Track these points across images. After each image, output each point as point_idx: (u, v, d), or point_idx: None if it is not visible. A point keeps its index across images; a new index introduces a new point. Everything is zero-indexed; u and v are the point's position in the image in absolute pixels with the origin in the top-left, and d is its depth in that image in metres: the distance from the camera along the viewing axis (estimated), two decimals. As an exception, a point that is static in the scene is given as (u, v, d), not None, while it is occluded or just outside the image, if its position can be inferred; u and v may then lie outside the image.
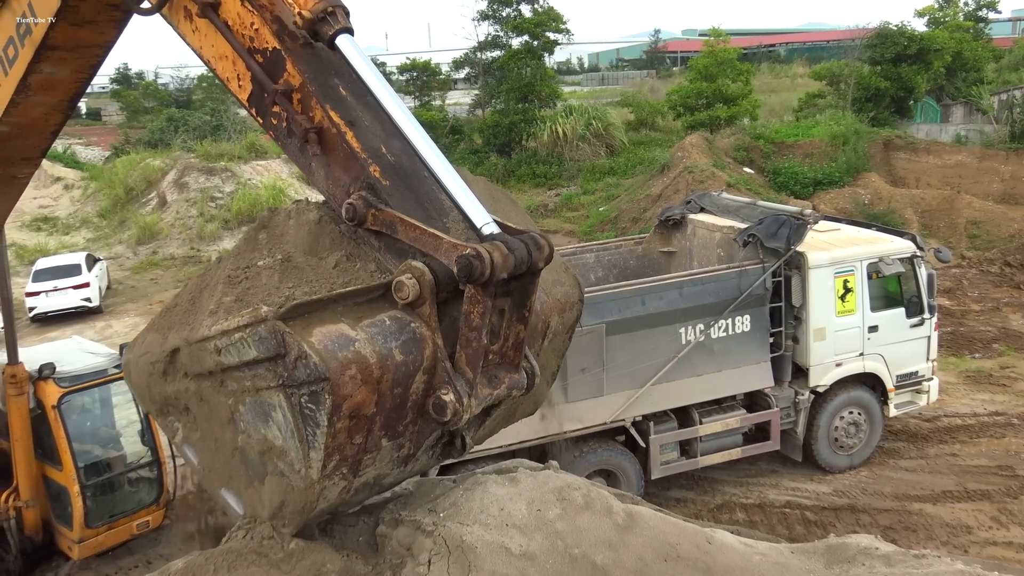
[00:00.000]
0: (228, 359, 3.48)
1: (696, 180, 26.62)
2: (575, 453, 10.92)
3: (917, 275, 12.29)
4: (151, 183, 33.62)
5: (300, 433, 3.38)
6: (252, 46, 4.17)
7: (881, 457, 12.72)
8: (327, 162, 3.98)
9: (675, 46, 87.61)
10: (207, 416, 3.85)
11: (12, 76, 5.66)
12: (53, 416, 9.15)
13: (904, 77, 36.52)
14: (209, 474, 4.01)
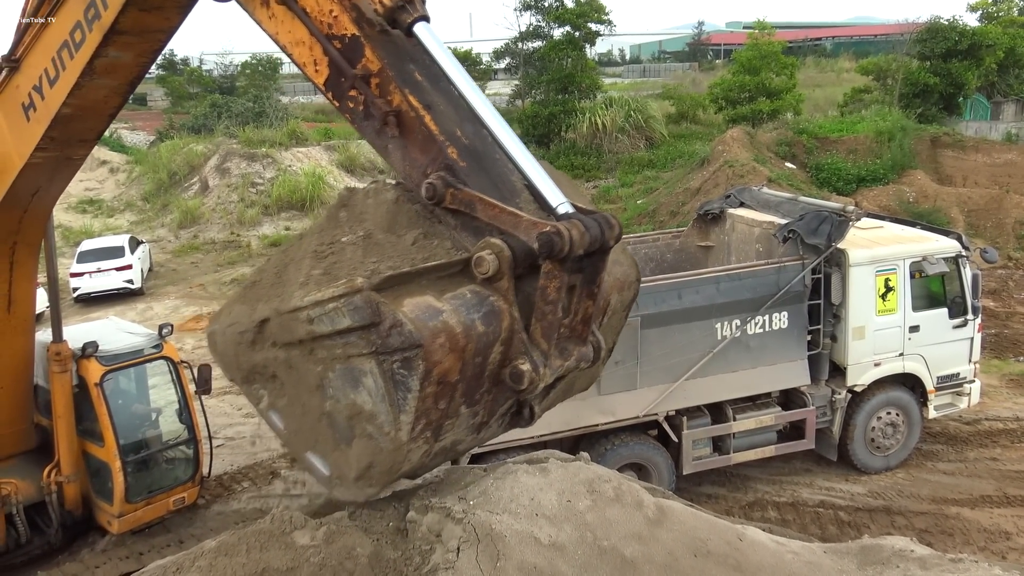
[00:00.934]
0: (320, 328, 3.65)
1: (736, 175, 26.32)
2: (607, 446, 10.88)
3: (961, 275, 12.03)
4: (194, 168, 34.13)
5: (391, 397, 3.56)
6: (331, 32, 4.30)
7: (919, 459, 12.50)
8: (404, 144, 4.14)
9: (718, 38, 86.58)
10: (295, 383, 3.97)
11: (78, 59, 5.86)
12: (96, 393, 9.34)
13: (954, 73, 35.71)
14: (295, 438, 4.14)
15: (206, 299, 23.21)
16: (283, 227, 29.61)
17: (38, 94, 6.28)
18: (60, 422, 9.34)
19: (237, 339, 4.13)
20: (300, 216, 30.36)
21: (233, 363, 4.25)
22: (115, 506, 9.56)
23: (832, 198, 24.12)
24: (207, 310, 22.00)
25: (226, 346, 4.23)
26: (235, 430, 14.33)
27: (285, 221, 30.04)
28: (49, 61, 6.07)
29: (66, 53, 5.92)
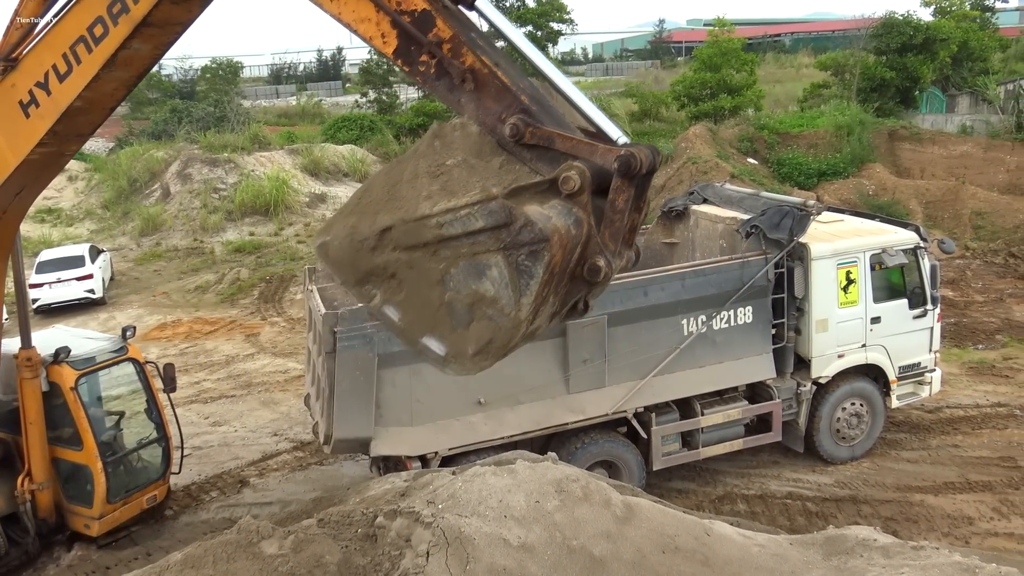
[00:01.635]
0: (450, 231, 4.50)
1: (700, 171, 26.56)
2: (577, 444, 10.91)
3: (920, 266, 12.24)
4: (155, 174, 33.62)
5: (514, 284, 4.43)
6: (400, 8, 5.15)
7: (883, 448, 12.70)
8: (478, 97, 4.99)
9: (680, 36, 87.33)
10: (415, 280, 4.71)
11: (99, 53, 6.19)
12: (72, 397, 9.40)
13: (909, 67, 36.35)
14: (411, 327, 4.83)
15: (170, 307, 22.91)
16: (247, 232, 29.31)
17: (42, 90, 6.51)
18: (32, 428, 9.20)
19: (357, 246, 4.80)
20: (264, 221, 30.07)
21: (350, 267, 4.91)
22: (96, 508, 9.59)
23: (794, 192, 24.42)
24: (171, 318, 21.73)
25: (343, 253, 4.88)
26: (202, 439, 14.16)
27: (249, 226, 29.73)
28: (59, 57, 6.34)
29: (82, 47, 6.24)
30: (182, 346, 19.58)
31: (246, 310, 22.31)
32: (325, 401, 9.99)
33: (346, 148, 38.24)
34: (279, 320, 21.21)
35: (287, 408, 15.23)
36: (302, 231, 29.49)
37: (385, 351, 9.74)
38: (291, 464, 13.14)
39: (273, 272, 25.05)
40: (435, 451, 10.07)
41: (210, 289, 24.20)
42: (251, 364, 17.99)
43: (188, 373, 17.63)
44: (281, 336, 19.87)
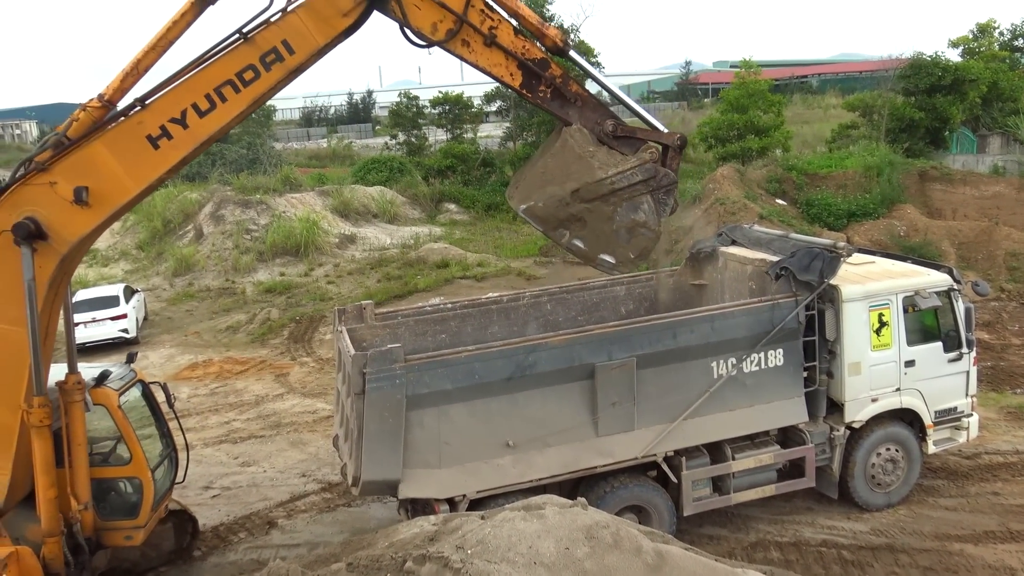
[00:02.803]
0: (619, 184, 7.95)
1: (728, 212, 26.52)
2: (606, 488, 10.80)
3: (954, 308, 12.06)
4: (188, 216, 34.25)
5: (658, 210, 8.09)
6: (525, 55, 8.01)
7: (920, 495, 12.41)
8: (582, 110, 8.20)
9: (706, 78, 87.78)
10: (594, 219, 8.07)
11: (247, 94, 7.67)
12: (120, 415, 9.85)
13: (939, 108, 36.22)
14: (592, 250, 8.20)
15: (201, 346, 23.15)
16: (278, 272, 29.65)
17: (178, 125, 7.69)
18: (79, 450, 9.30)
19: (556, 203, 8.06)
20: (295, 261, 30.43)
21: (551, 219, 8.16)
22: (142, 517, 9.98)
23: (823, 234, 24.28)
24: (202, 358, 21.94)
25: (546, 210, 8.13)
26: (231, 479, 14.21)
27: (280, 267, 30.09)
28: (201, 97, 7.64)
29: (229, 89, 7.63)
30: (212, 386, 19.74)
31: (276, 350, 22.48)
32: (354, 442, 10.00)
33: (375, 189, 38.75)
34: (308, 360, 21.33)
35: (315, 449, 15.25)
36: (332, 272, 29.79)
37: (414, 392, 9.76)
38: (319, 506, 13.12)
39: (303, 312, 25.27)
40: (463, 494, 10.01)
41: (241, 329, 24.44)
42: (280, 404, 18.08)
43: (218, 413, 17.76)
44: (310, 376, 19.97)
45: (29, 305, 7.94)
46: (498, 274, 27.71)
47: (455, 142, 46.08)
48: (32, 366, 8.25)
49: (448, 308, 12.96)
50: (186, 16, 7.81)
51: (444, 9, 7.75)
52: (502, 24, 7.90)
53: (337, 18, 7.65)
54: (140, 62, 7.82)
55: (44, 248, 7.90)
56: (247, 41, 7.59)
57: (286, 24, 7.61)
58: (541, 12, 40.13)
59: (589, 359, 10.45)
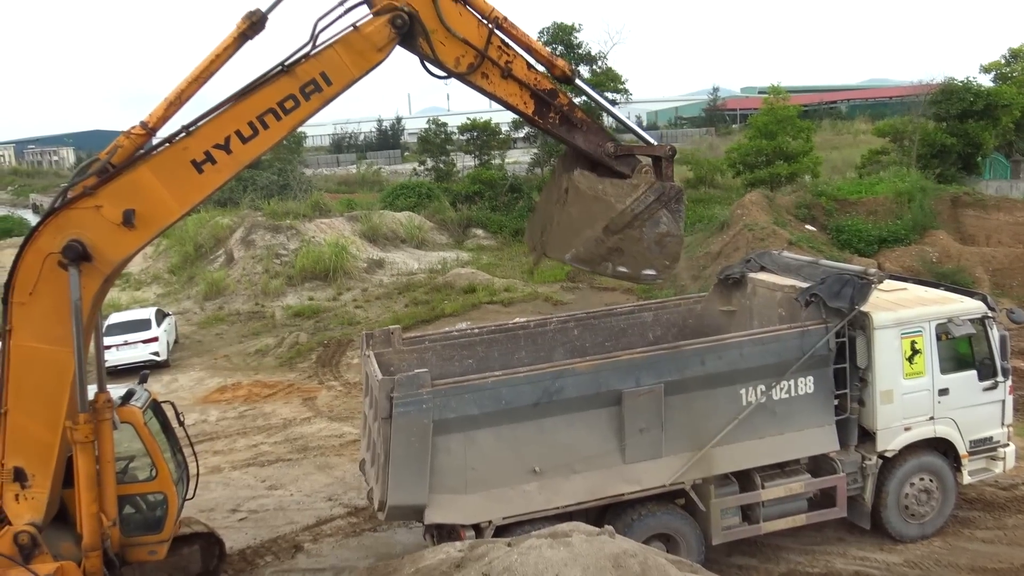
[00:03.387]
0: (638, 209, 8.89)
1: (756, 238, 26.37)
2: (633, 516, 10.69)
3: (989, 336, 11.86)
4: (219, 240, 34.71)
5: (675, 217, 8.93)
6: (537, 87, 8.93)
7: (955, 527, 12.14)
8: (586, 134, 9.13)
9: (734, 104, 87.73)
10: (628, 244, 8.97)
11: (287, 121, 8.34)
12: (146, 432, 10.12)
13: (971, 133, 35.88)
14: (634, 270, 9.12)
15: (230, 370, 23.35)
16: (307, 297, 29.89)
17: (221, 151, 8.23)
18: (108, 467, 9.40)
19: (594, 244, 9.03)
20: (323, 286, 30.67)
21: (595, 257, 9.14)
22: (166, 531, 10.21)
23: (854, 260, 24.04)
24: (231, 381, 22.12)
25: (588, 252, 9.12)
26: (258, 503, 14.26)
27: (309, 291, 30.34)
28: (244, 124, 8.22)
29: (271, 117, 8.25)
30: (241, 409, 19.88)
31: (304, 374, 22.62)
32: (380, 467, 10.00)
33: (404, 215, 39.04)
34: (336, 384, 21.43)
35: (342, 473, 15.28)
36: (360, 296, 29.98)
37: (440, 417, 9.76)
38: (345, 530, 13.12)
39: (331, 336, 25.42)
40: (489, 520, 9.97)
41: (270, 353, 24.63)
42: (308, 428, 18.16)
43: (246, 436, 17.87)
44: (337, 400, 20.05)
45: (76, 325, 8.15)
46: (525, 299, 27.73)
47: (483, 168, 46.38)
48: (76, 384, 8.46)
49: (475, 333, 12.98)
50: (227, 50, 8.28)
51: (467, 45, 8.55)
52: (517, 59, 8.85)
53: (372, 52, 8.32)
54: (183, 92, 8.24)
55: (88, 269, 8.19)
56: (288, 73, 8.22)
57: (325, 58, 8.27)
58: (569, 40, 40.43)
59: (616, 385, 10.39)
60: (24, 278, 8.26)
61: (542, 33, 40.58)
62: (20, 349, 8.39)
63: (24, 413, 8.58)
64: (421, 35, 8.38)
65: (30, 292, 8.26)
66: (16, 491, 8.72)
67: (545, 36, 40.44)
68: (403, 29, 8.29)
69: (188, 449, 11.44)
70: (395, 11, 8.26)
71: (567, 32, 40.41)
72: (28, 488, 8.72)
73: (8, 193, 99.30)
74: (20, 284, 8.28)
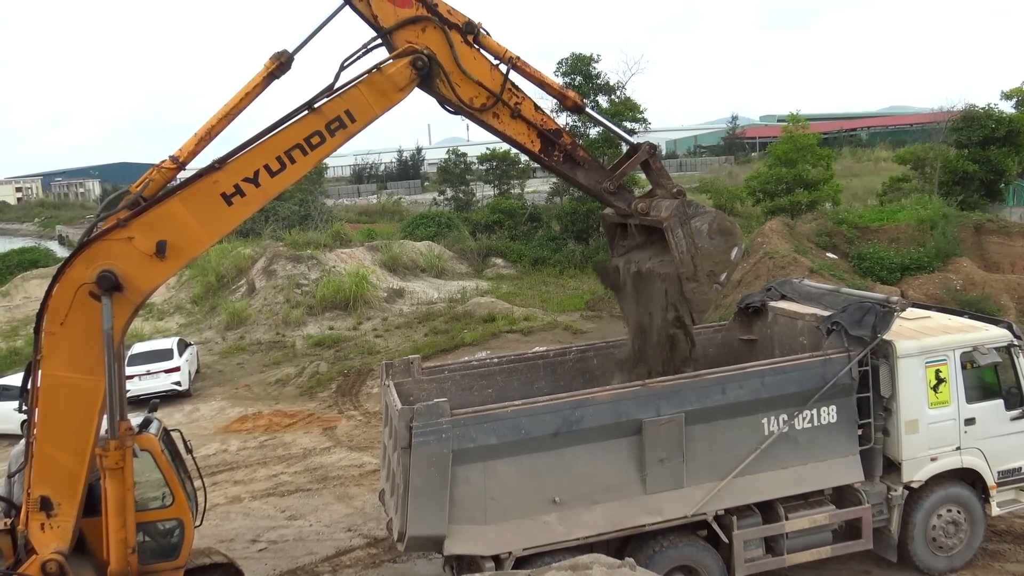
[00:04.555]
0: (684, 246, 10.13)
1: (777, 266, 26.21)
2: (655, 548, 10.56)
3: (1016, 365, 11.70)
4: (241, 271, 35.03)
5: (697, 213, 10.24)
6: (543, 127, 9.60)
7: (985, 560, 11.90)
8: (587, 171, 10.01)
9: (753, 132, 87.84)
10: (708, 264, 10.31)
11: (313, 156, 8.73)
12: (163, 460, 10.08)
13: (993, 160, 35.62)
14: (726, 266, 10.44)
15: (251, 399, 23.45)
16: (327, 327, 30.04)
17: (251, 184, 8.56)
18: (129, 495, 9.44)
19: (701, 293, 10.42)
20: (344, 315, 30.80)
21: (712, 296, 10.59)
22: (182, 558, 10.13)
23: (876, 288, 23.83)
24: (252, 410, 22.21)
25: (707, 300, 10.51)
26: (278, 533, 14.25)
27: (329, 321, 30.49)
28: (272, 159, 8.56)
29: (298, 152, 8.62)
30: (261, 438, 19.93)
31: (324, 403, 22.67)
32: (400, 497, 9.98)
33: (424, 244, 39.23)
34: (356, 414, 21.45)
35: (362, 503, 15.25)
36: (380, 325, 30.08)
37: (460, 447, 9.74)
38: (364, 561, 13.06)
39: (351, 366, 25.50)
40: (509, 551, 9.89)
41: (290, 382, 24.72)
42: (328, 458, 18.16)
43: (266, 466, 17.89)
44: (357, 430, 20.06)
45: (108, 353, 8.36)
46: (545, 328, 27.69)
47: (502, 197, 46.62)
48: (108, 410, 8.68)
49: (494, 363, 12.98)
50: (256, 88, 8.71)
51: (481, 88, 9.25)
52: (525, 100, 9.50)
53: (394, 92, 8.85)
54: (213, 128, 8.60)
55: (119, 299, 8.43)
56: (314, 111, 8.67)
57: (349, 97, 8.75)
58: (588, 71, 40.67)
59: (637, 415, 10.33)
60: (56, 308, 8.46)
61: (561, 64, 40.86)
62: (50, 378, 8.57)
63: (52, 442, 8.72)
64: (439, 76, 8.93)
65: (61, 322, 8.45)
66: (42, 520, 8.81)
67: (564, 67, 40.72)
68: (423, 71, 8.80)
69: (198, 479, 11.44)
70: (416, 53, 8.78)
71: (585, 63, 40.69)
72: (54, 517, 8.82)
73: (35, 225, 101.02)
74: (52, 314, 8.48)
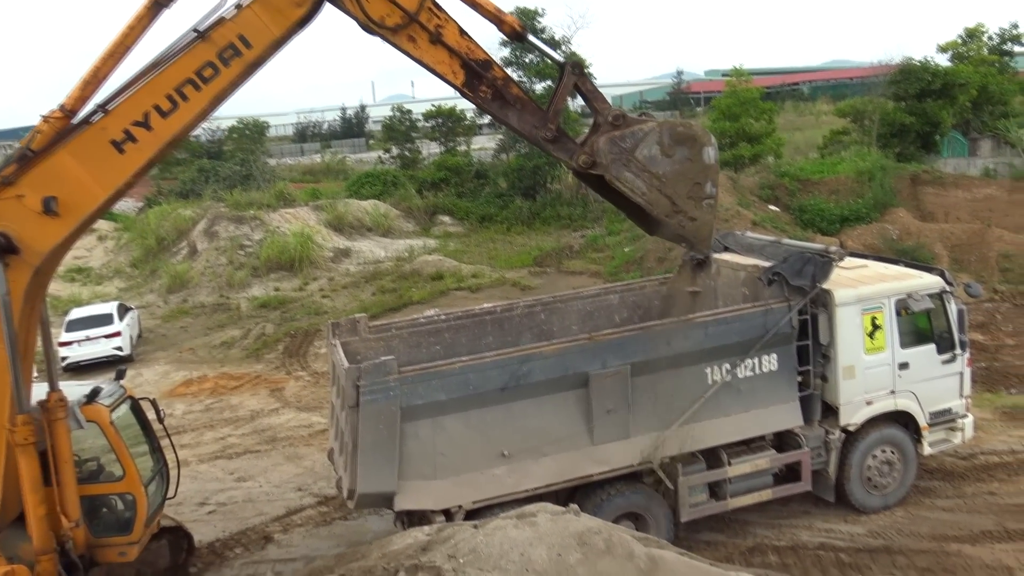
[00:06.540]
0: (653, 165, 9.50)
1: (721, 219, 26.50)
2: (602, 496, 10.77)
3: (947, 311, 12.09)
4: (182, 233, 34.24)
5: (639, 121, 9.46)
6: (469, 56, 8.17)
7: (917, 497, 12.40)
8: (521, 113, 8.59)
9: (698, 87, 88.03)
10: (675, 183, 9.69)
11: (207, 91, 7.75)
12: (112, 431, 9.80)
13: (929, 112, 36.39)
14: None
15: (196, 363, 23.10)
16: (272, 288, 29.63)
17: (141, 128, 7.73)
18: (65, 467, 9.23)
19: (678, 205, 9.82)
20: (289, 276, 30.40)
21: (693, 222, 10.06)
22: (136, 533, 9.92)
23: (817, 239, 24.36)
24: (197, 374, 21.89)
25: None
26: (227, 495, 14.15)
27: (275, 282, 30.06)
28: (162, 98, 7.69)
29: (190, 88, 7.69)
30: (207, 401, 19.68)
31: (271, 365, 22.44)
32: (349, 455, 9.97)
33: (369, 203, 38.77)
34: (304, 374, 21.30)
35: (311, 463, 15.21)
36: (326, 286, 29.77)
37: (408, 404, 9.75)
38: (315, 519, 13.07)
39: (298, 327, 25.24)
40: (459, 505, 9.98)
41: (236, 344, 24.39)
42: (276, 419, 18.04)
43: (213, 429, 17.71)
44: (306, 390, 19.93)
45: (5, 321, 7.84)
46: (493, 285, 27.72)
47: (449, 155, 46.16)
48: (13, 384, 8.11)
49: (442, 320, 12.95)
50: (142, 21, 7.85)
51: (394, 5, 7.96)
52: (448, 23, 8.15)
53: (291, 8, 7.84)
54: (99, 70, 7.79)
55: (16, 262, 7.84)
56: (204, 39, 7.73)
57: (241, 19, 7.79)
58: (533, 25, 40.28)
59: (583, 367, 10.44)
60: None
61: (505, 18, 40.25)
62: None
63: None
64: None
65: None
66: None
67: (508, 22, 40.14)
68: None
69: (186, 451, 11.23)
70: None
71: (530, 17, 40.28)
72: None
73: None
74: None
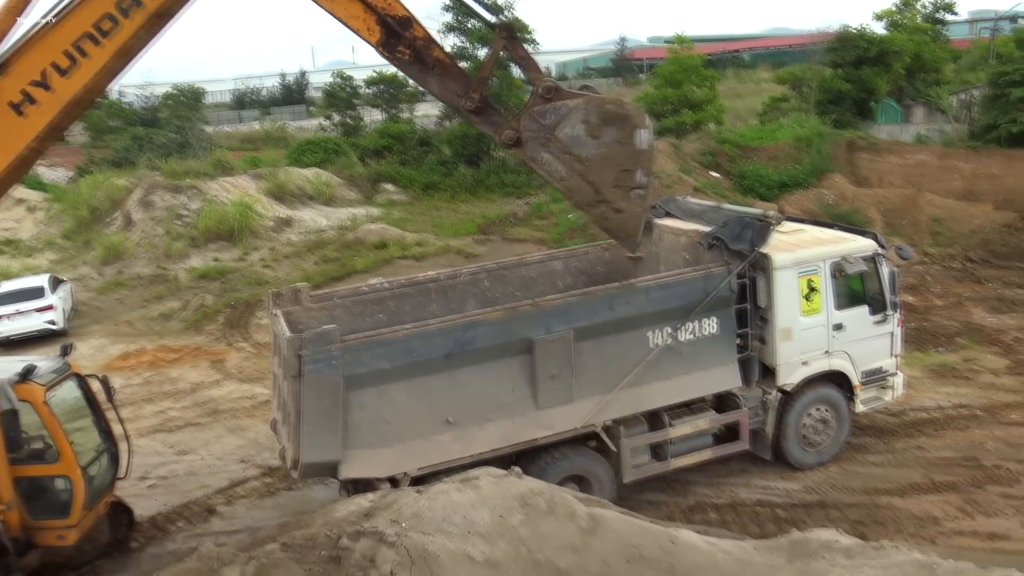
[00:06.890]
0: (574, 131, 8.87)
1: (663, 185, 26.79)
2: (547, 460, 10.90)
3: (880, 273, 12.44)
4: (116, 203, 33.16)
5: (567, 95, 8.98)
6: (387, 12, 7.50)
7: (850, 453, 12.84)
8: (442, 79, 8.01)
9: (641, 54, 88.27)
10: (599, 168, 8.99)
11: (108, 45, 7.20)
12: (46, 411, 9.48)
13: (865, 79, 37.08)
14: None
15: (133, 335, 22.57)
16: (212, 258, 28.97)
17: (40, 88, 7.28)
18: None
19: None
20: (229, 246, 29.75)
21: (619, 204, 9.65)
22: (74, 516, 9.67)
23: (756, 204, 24.76)
24: (135, 347, 21.40)
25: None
26: (168, 469, 13.94)
27: (214, 252, 29.40)
28: (59, 55, 7.19)
29: (88, 43, 7.17)
30: (146, 375, 19.28)
31: (211, 336, 22.05)
32: (292, 425, 9.90)
33: (311, 171, 38.06)
34: (245, 346, 20.98)
35: (255, 434, 15.05)
36: (268, 256, 29.25)
37: (351, 373, 9.69)
38: (260, 491, 12.97)
39: (238, 297, 24.79)
40: (404, 472, 10.01)
41: (174, 316, 23.88)
42: (217, 391, 17.77)
43: (153, 402, 17.38)
44: (247, 362, 19.65)
45: None
46: (437, 253, 27.58)
47: (391, 122, 45.52)
48: None
49: (386, 288, 12.87)
50: None
51: None
52: None
53: None
54: None
55: None
56: None
57: None
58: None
59: (527, 333, 10.50)
60: None
61: (447, -17, 39.67)
62: None
63: None
64: None
65: None
66: None
67: (450, -14, 39.57)
68: None
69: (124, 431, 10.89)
70: None
71: (472, -19, 39.73)
72: None
73: None
74: None
